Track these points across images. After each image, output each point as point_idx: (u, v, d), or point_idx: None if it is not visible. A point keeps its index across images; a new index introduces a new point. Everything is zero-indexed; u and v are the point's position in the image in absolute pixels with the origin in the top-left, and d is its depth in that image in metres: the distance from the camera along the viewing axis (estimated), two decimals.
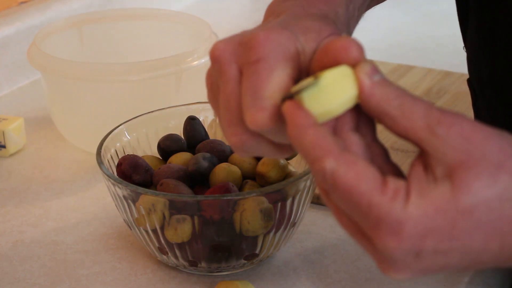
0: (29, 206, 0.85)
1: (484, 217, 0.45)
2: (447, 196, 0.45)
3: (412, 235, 0.45)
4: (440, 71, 1.14)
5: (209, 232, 0.68)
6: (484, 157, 0.45)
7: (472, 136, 0.45)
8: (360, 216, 0.46)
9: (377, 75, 0.48)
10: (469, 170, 0.45)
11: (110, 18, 1.04)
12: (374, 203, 0.45)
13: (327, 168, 0.46)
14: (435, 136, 0.45)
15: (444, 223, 0.45)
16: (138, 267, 0.74)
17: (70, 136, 0.96)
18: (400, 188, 0.45)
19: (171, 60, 0.89)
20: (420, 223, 0.45)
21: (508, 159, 0.45)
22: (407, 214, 0.45)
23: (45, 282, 0.73)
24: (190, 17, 1.02)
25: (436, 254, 0.46)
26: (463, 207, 0.45)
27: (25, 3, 1.19)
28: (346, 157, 0.46)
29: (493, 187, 0.45)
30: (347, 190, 0.45)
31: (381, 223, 0.45)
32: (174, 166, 0.73)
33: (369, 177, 0.45)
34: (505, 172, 0.45)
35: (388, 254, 0.46)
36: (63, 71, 0.89)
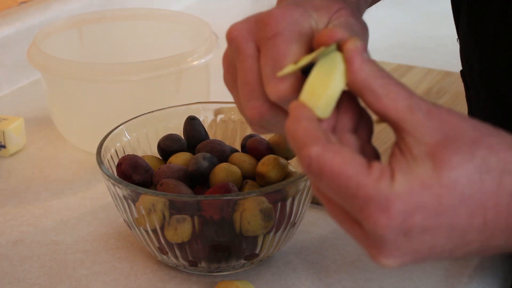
0: (29, 206, 0.85)
1: (467, 191, 0.46)
2: (430, 173, 0.46)
3: (400, 211, 0.46)
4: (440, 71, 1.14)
5: (209, 232, 0.68)
6: (460, 135, 0.47)
7: (448, 119, 0.48)
8: (349, 199, 0.47)
9: (366, 53, 0.50)
10: (447, 147, 0.47)
11: (110, 18, 1.04)
12: (361, 184, 0.46)
13: (313, 154, 0.47)
14: (415, 117, 0.47)
15: (430, 198, 0.46)
16: (138, 267, 0.74)
17: (70, 136, 0.96)
18: (385, 169, 0.47)
19: (171, 60, 0.89)
20: (407, 199, 0.46)
21: (483, 137, 0.47)
22: (395, 191, 0.46)
23: (45, 282, 0.73)
24: (190, 17, 1.02)
25: (424, 232, 0.47)
26: (446, 182, 0.46)
27: (25, 3, 1.19)
28: (332, 145, 0.48)
29: (471, 160, 0.47)
30: (334, 174, 0.47)
31: (370, 202, 0.46)
32: (174, 166, 0.73)
33: (355, 162, 0.47)
34: (481, 147, 0.47)
35: (378, 235, 0.47)
36: (63, 71, 0.89)
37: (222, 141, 0.77)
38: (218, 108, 0.82)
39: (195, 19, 1.01)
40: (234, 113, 0.82)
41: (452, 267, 0.73)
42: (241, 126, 0.82)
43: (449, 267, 0.73)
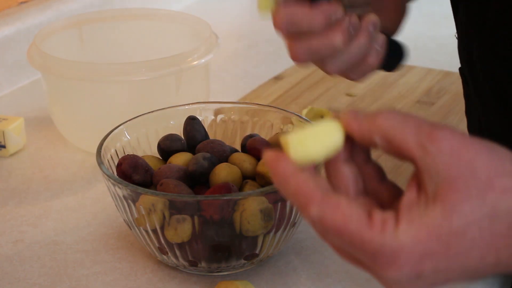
0: (29, 206, 0.85)
1: (477, 236, 0.46)
2: (438, 220, 0.46)
3: (409, 262, 0.47)
4: (440, 71, 1.14)
5: (209, 232, 0.68)
6: (473, 176, 0.46)
7: (461, 152, 0.47)
8: (357, 252, 0.48)
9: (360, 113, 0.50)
10: (458, 192, 0.46)
11: (110, 18, 1.04)
12: (365, 239, 0.47)
13: (313, 215, 0.48)
14: (427, 153, 0.47)
15: (438, 246, 0.46)
16: (138, 267, 0.75)
17: (70, 136, 0.96)
18: (387, 218, 0.47)
19: (171, 60, 0.89)
20: (414, 249, 0.46)
21: (496, 177, 0.47)
22: (400, 243, 0.46)
23: (45, 282, 0.73)
24: (190, 17, 1.02)
25: (436, 273, 0.47)
26: (455, 230, 0.46)
27: (25, 3, 1.19)
28: (329, 200, 0.48)
29: (482, 207, 0.46)
30: (337, 232, 0.47)
31: (377, 257, 0.47)
32: (174, 166, 0.73)
33: (355, 216, 0.47)
34: (493, 191, 0.46)
35: (392, 281, 0.48)
36: (63, 71, 0.89)
37: (222, 141, 0.77)
38: (218, 108, 0.82)
39: (195, 19, 1.01)
40: (234, 113, 0.82)
41: None
42: (241, 126, 0.82)
43: None
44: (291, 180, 0.49)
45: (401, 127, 0.48)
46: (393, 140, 0.48)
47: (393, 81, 1.11)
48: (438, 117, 1.00)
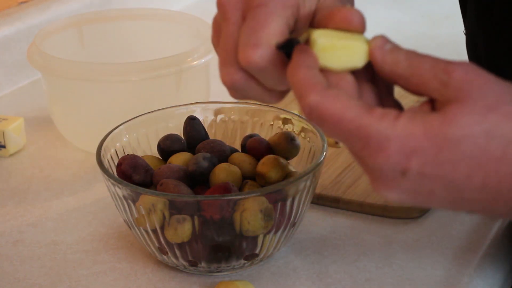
0: (29, 206, 0.85)
1: (469, 151, 0.47)
2: (437, 124, 0.48)
3: (398, 151, 0.48)
4: None
5: (209, 232, 0.68)
6: (481, 97, 0.48)
7: (474, 79, 0.49)
8: (351, 141, 0.49)
9: (387, 44, 0.52)
10: (462, 105, 0.48)
11: (110, 18, 1.04)
12: (362, 124, 0.48)
13: (311, 102, 0.49)
14: (441, 84, 0.49)
15: (430, 147, 0.48)
16: (138, 267, 0.74)
17: (70, 136, 0.96)
18: (389, 111, 0.49)
19: (171, 60, 0.89)
20: (406, 142, 0.48)
21: (503, 103, 0.48)
22: (395, 132, 0.48)
23: (45, 282, 0.73)
24: (190, 17, 1.02)
25: (421, 176, 0.48)
26: (451, 137, 0.47)
27: (25, 3, 1.19)
28: (330, 91, 0.49)
29: (481, 123, 0.47)
30: (335, 120, 0.49)
31: (370, 140, 0.48)
32: (174, 166, 0.73)
33: (354, 105, 0.49)
34: (495, 113, 0.48)
35: (378, 170, 0.49)
36: (63, 71, 0.89)
37: (222, 141, 0.77)
38: (218, 108, 0.82)
39: (195, 19, 1.01)
40: (234, 113, 0.82)
41: (452, 267, 0.73)
42: (241, 126, 0.82)
43: (450, 267, 0.73)
44: (302, 70, 0.50)
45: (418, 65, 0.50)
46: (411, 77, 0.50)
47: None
48: None
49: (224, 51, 0.56)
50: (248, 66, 0.54)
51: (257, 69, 0.54)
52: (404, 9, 1.44)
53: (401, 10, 1.43)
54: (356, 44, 0.52)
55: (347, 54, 0.52)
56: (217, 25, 0.59)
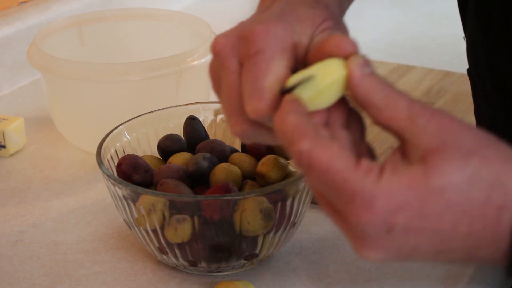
0: (29, 206, 0.85)
1: (454, 199, 0.47)
2: (419, 176, 0.47)
3: (384, 208, 0.47)
4: (440, 71, 1.14)
5: (209, 232, 0.68)
6: (457, 143, 0.47)
7: (449, 126, 0.48)
8: (335, 193, 0.48)
9: (367, 67, 0.50)
10: (442, 153, 0.47)
11: (110, 18, 1.04)
12: (347, 178, 0.47)
13: (303, 148, 0.48)
14: (415, 125, 0.48)
15: (415, 200, 0.47)
16: (138, 267, 0.74)
17: (70, 136, 0.96)
18: (374, 166, 0.48)
19: (171, 60, 0.89)
20: (392, 198, 0.47)
21: (480, 148, 0.48)
22: (380, 188, 0.47)
23: (45, 282, 0.73)
24: (190, 17, 1.02)
25: (407, 232, 0.47)
26: (434, 187, 0.47)
27: (25, 3, 1.19)
28: (322, 140, 0.48)
29: (463, 170, 0.47)
30: (322, 168, 0.48)
31: (355, 197, 0.47)
32: (174, 166, 0.73)
33: (343, 157, 0.48)
34: (475, 157, 0.47)
35: (361, 229, 0.48)
36: (63, 71, 0.89)
37: (222, 141, 0.77)
38: (218, 108, 0.82)
39: (195, 19, 1.01)
40: None
41: (452, 267, 0.73)
42: None
43: (450, 267, 0.73)
44: (291, 116, 0.49)
45: (394, 99, 0.49)
46: (384, 109, 0.49)
47: (393, 81, 1.11)
48: None
49: (228, 102, 0.55)
50: (257, 116, 0.53)
51: (265, 118, 0.53)
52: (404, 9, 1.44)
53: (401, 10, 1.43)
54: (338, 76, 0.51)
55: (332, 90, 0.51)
56: (215, 73, 0.57)
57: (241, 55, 0.54)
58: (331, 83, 0.51)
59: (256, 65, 0.53)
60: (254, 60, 0.53)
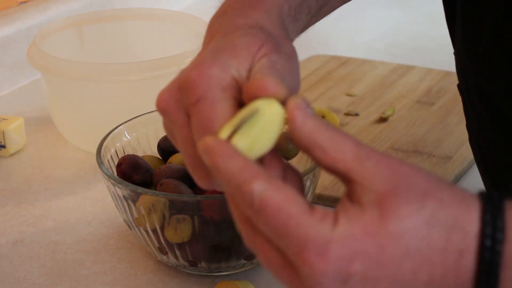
0: (29, 206, 0.85)
1: (412, 244, 0.45)
2: (375, 221, 0.45)
3: (339, 256, 0.44)
4: (440, 71, 1.14)
5: (209, 232, 0.68)
6: (411, 186, 0.45)
7: (399, 169, 0.46)
8: (287, 239, 0.45)
9: (308, 108, 0.48)
10: (396, 196, 0.45)
11: (110, 18, 1.04)
12: (302, 224, 0.45)
13: (255, 189, 0.45)
14: (364, 167, 0.46)
15: (372, 246, 0.45)
16: (138, 267, 0.75)
17: (70, 136, 0.96)
18: (329, 213, 0.46)
19: (171, 60, 0.89)
20: (348, 245, 0.44)
21: (434, 189, 0.46)
22: (335, 235, 0.45)
23: (45, 282, 0.73)
24: (190, 17, 1.02)
25: (364, 281, 0.45)
26: (392, 232, 0.45)
27: (25, 3, 1.19)
28: (276, 181, 0.46)
29: (420, 213, 0.45)
30: (275, 211, 0.45)
31: (309, 243, 0.44)
32: (174, 166, 0.73)
33: (298, 201, 0.46)
34: (431, 199, 0.45)
35: (315, 281, 0.45)
36: (63, 71, 0.89)
37: None
38: None
39: (195, 19, 1.01)
40: None
41: None
42: None
43: None
44: (236, 157, 0.46)
45: (341, 140, 0.47)
46: (330, 149, 0.47)
47: (393, 81, 1.11)
48: (438, 117, 1.00)
49: (188, 157, 0.53)
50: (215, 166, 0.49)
51: None
52: (404, 9, 1.44)
53: (401, 10, 1.43)
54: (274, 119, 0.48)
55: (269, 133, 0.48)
56: (169, 130, 0.55)
57: (185, 106, 0.52)
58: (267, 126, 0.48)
59: (200, 113, 0.51)
60: (198, 108, 0.51)
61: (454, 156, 0.91)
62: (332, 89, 1.09)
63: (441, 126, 0.98)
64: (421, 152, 0.92)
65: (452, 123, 0.98)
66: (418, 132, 0.97)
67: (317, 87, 1.09)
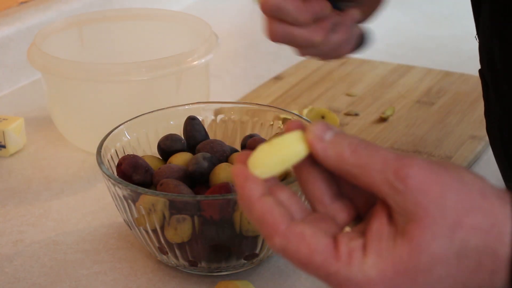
0: (29, 206, 0.85)
1: (444, 274, 0.46)
2: (405, 257, 0.46)
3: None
4: (440, 71, 1.14)
5: (209, 232, 0.68)
6: (441, 214, 0.46)
7: (429, 189, 0.46)
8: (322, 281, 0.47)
9: (328, 132, 0.48)
10: (426, 230, 0.45)
11: (110, 18, 1.04)
12: (331, 272, 0.46)
13: (277, 245, 0.47)
14: (394, 191, 0.46)
15: (404, 283, 0.46)
16: (138, 267, 0.75)
17: (70, 136, 0.96)
18: (354, 248, 0.46)
19: (171, 60, 0.89)
20: (379, 284, 0.46)
21: (464, 215, 0.46)
22: (366, 277, 0.46)
23: (45, 282, 0.73)
24: (190, 17, 1.02)
25: None
26: (422, 267, 0.46)
27: (25, 3, 1.19)
28: (293, 231, 0.47)
29: (451, 245, 0.46)
30: (302, 264, 0.47)
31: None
32: (174, 166, 0.73)
33: (320, 248, 0.47)
34: (461, 230, 0.46)
35: None
36: (63, 71, 0.89)
37: (222, 141, 0.77)
38: (218, 108, 0.83)
39: (195, 19, 1.01)
40: (234, 113, 0.82)
41: None
42: (241, 126, 0.82)
43: None
44: (257, 205, 0.48)
45: (366, 164, 0.46)
46: (359, 176, 0.47)
47: (393, 81, 1.11)
48: (438, 117, 1.00)
49: None
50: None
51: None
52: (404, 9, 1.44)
53: (401, 10, 1.43)
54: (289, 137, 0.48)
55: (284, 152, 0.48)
56: None
57: None
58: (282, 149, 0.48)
59: None
60: None
61: (454, 156, 0.91)
62: (332, 89, 1.09)
63: (441, 126, 0.98)
64: (421, 152, 0.92)
65: (452, 123, 0.98)
66: (418, 132, 0.97)
67: (317, 87, 1.09)
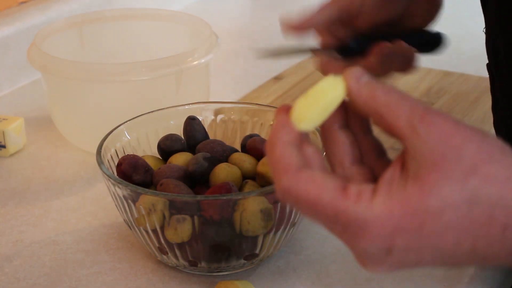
0: (29, 206, 0.85)
1: (453, 220, 0.46)
2: (415, 198, 0.46)
3: (380, 234, 0.46)
4: (440, 71, 1.14)
5: (209, 232, 0.68)
6: (458, 160, 0.46)
7: (451, 138, 0.46)
8: (328, 223, 0.48)
9: (364, 76, 0.49)
10: (438, 171, 0.46)
11: (110, 18, 1.04)
12: (339, 210, 0.47)
13: (283, 185, 0.48)
14: (416, 134, 0.47)
15: (411, 223, 0.46)
16: (138, 267, 0.75)
17: (70, 136, 0.96)
18: (363, 190, 0.47)
19: (171, 60, 0.89)
20: (387, 224, 0.46)
21: (482, 164, 0.46)
22: (373, 214, 0.46)
23: (45, 282, 0.73)
24: (190, 17, 1.02)
25: (407, 251, 0.47)
26: (431, 210, 0.46)
27: (25, 3, 1.19)
28: (304, 172, 0.48)
29: (462, 191, 0.45)
30: (310, 204, 0.47)
31: (350, 227, 0.47)
32: (174, 166, 0.73)
33: (329, 187, 0.47)
34: (475, 177, 0.46)
35: (361, 252, 0.48)
36: (63, 71, 0.89)
37: (222, 141, 0.77)
38: (218, 108, 0.82)
39: (195, 19, 1.01)
40: (234, 113, 0.82)
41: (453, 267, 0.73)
42: (241, 126, 0.82)
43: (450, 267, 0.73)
44: (278, 148, 0.49)
45: (396, 104, 0.48)
46: (386, 116, 0.48)
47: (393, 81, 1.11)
48: None
49: None
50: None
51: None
52: None
53: None
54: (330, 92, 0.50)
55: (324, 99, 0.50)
56: None
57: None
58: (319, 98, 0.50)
59: None
60: None
61: None
62: None
63: None
64: None
65: None
66: None
67: None
